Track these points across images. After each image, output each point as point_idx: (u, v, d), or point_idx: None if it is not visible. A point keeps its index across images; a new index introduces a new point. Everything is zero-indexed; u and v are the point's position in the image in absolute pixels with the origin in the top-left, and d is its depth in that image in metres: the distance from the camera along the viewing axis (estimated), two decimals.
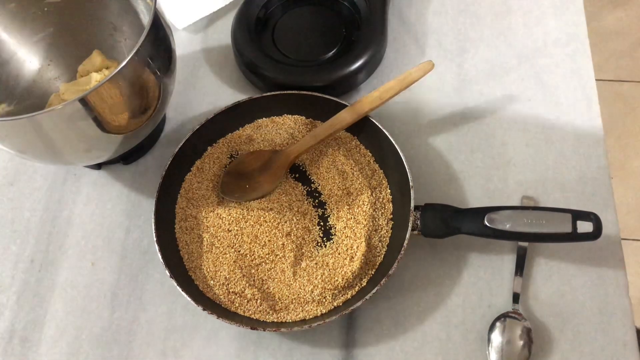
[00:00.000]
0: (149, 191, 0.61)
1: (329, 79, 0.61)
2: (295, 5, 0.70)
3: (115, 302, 0.55)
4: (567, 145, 0.60)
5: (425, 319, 0.52)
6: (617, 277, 0.53)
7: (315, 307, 0.51)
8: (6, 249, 0.59)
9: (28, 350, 0.54)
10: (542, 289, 0.53)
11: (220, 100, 0.66)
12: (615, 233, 0.55)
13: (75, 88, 0.61)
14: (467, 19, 0.70)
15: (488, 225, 0.50)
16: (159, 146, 0.64)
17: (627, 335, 0.50)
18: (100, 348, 0.53)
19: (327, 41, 0.67)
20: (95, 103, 0.46)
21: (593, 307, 0.52)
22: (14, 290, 0.57)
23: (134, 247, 0.58)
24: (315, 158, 0.60)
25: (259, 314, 0.51)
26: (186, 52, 0.70)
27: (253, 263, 0.54)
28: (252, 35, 0.65)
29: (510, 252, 0.54)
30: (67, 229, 0.59)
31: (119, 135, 0.52)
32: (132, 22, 0.60)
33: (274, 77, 0.62)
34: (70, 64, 0.64)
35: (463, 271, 0.54)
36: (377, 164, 0.59)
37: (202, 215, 0.57)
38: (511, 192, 0.58)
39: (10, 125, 0.45)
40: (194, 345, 0.53)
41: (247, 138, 0.61)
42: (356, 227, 0.55)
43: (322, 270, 0.53)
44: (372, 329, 0.52)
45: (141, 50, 0.47)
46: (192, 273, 0.54)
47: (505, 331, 0.50)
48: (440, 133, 0.62)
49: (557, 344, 0.50)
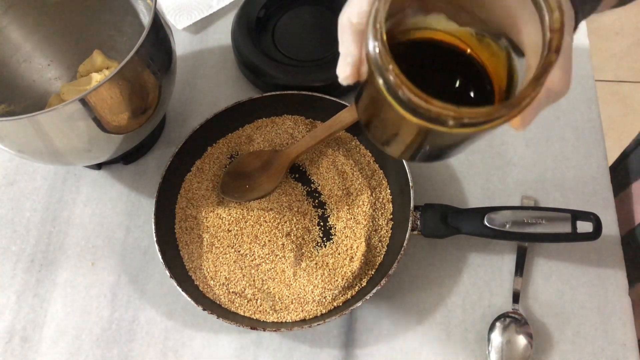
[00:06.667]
0: (149, 191, 0.61)
1: (329, 79, 0.61)
2: (295, 5, 0.70)
3: (115, 302, 0.55)
4: (567, 145, 0.60)
5: (425, 319, 0.52)
6: (617, 277, 0.53)
7: (315, 307, 0.51)
8: (6, 249, 0.59)
9: (28, 350, 0.54)
10: (542, 289, 0.53)
11: (220, 100, 0.66)
12: (615, 233, 0.55)
13: (76, 88, 0.61)
14: None
15: (488, 226, 0.50)
16: (159, 146, 0.64)
17: (627, 335, 0.50)
18: (100, 348, 0.53)
19: (327, 41, 0.67)
20: (95, 103, 0.46)
21: (593, 307, 0.52)
22: (14, 290, 0.57)
23: (134, 247, 0.58)
24: (315, 158, 0.60)
25: (259, 314, 0.51)
26: (186, 52, 0.70)
27: (253, 263, 0.54)
28: (252, 35, 0.65)
29: (510, 252, 0.54)
30: (67, 229, 0.59)
31: (119, 135, 0.52)
32: (132, 22, 0.60)
33: (274, 77, 0.62)
34: (71, 64, 0.64)
35: (463, 271, 0.54)
36: (377, 164, 0.59)
37: (202, 215, 0.57)
38: (511, 192, 0.58)
39: (10, 125, 0.45)
40: (194, 345, 0.53)
41: (247, 138, 0.61)
42: (356, 227, 0.55)
43: (322, 270, 0.53)
44: (372, 329, 0.52)
45: (141, 50, 0.47)
46: (192, 273, 0.54)
47: (505, 331, 0.50)
48: None
49: (557, 344, 0.50)
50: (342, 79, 0.34)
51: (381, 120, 0.32)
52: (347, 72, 0.33)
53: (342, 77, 0.33)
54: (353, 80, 0.33)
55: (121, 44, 0.64)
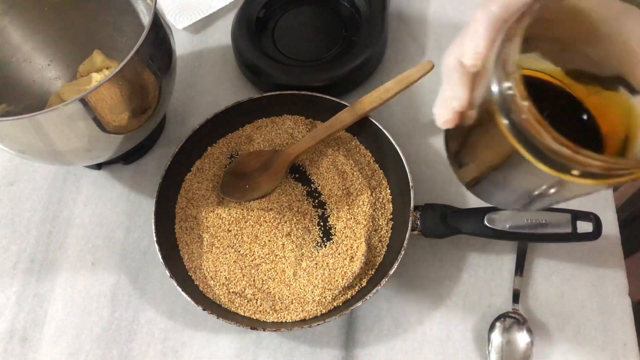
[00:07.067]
0: (149, 191, 0.61)
1: (329, 79, 0.61)
2: (295, 5, 0.70)
3: (115, 302, 0.55)
4: None
5: (425, 319, 0.52)
6: (617, 277, 0.53)
7: (315, 307, 0.51)
8: (6, 249, 0.59)
9: (28, 350, 0.54)
10: (542, 289, 0.53)
11: (220, 100, 0.66)
12: (615, 233, 0.55)
13: (76, 88, 0.61)
14: (467, 19, 0.69)
15: (488, 226, 0.50)
16: (159, 146, 0.64)
17: (627, 335, 0.50)
18: (100, 348, 0.53)
19: (327, 41, 0.67)
20: (95, 103, 0.46)
21: (593, 307, 0.52)
22: (14, 290, 0.57)
23: (134, 247, 0.58)
24: (315, 158, 0.60)
25: (259, 314, 0.51)
26: (186, 52, 0.70)
27: (253, 263, 0.54)
28: (252, 35, 0.65)
29: (510, 252, 0.54)
30: (67, 229, 0.59)
31: (119, 135, 0.52)
32: (132, 22, 0.60)
33: (274, 77, 0.62)
34: (71, 64, 0.64)
35: (463, 271, 0.54)
36: (377, 164, 0.59)
37: (202, 216, 0.57)
38: None
39: (10, 125, 0.45)
40: (194, 345, 0.53)
41: (247, 138, 0.61)
42: (356, 227, 0.55)
43: (322, 270, 0.53)
44: (372, 329, 0.52)
45: (141, 50, 0.47)
46: (192, 273, 0.54)
47: (505, 331, 0.50)
48: (440, 133, 0.61)
49: (557, 344, 0.50)
50: (441, 123, 0.32)
51: (488, 164, 0.30)
52: (448, 117, 0.31)
53: (441, 121, 0.31)
54: (453, 125, 0.31)
55: (121, 44, 0.64)
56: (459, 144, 0.32)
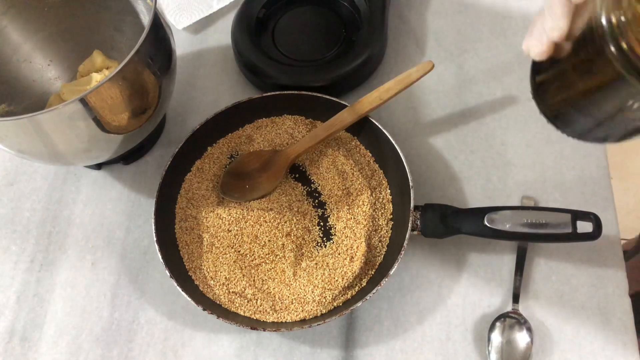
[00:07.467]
0: (149, 191, 0.61)
1: (329, 79, 0.61)
2: (295, 5, 0.70)
3: (115, 302, 0.55)
4: (567, 145, 0.60)
5: (425, 319, 0.52)
6: (617, 277, 0.53)
7: (315, 307, 0.51)
8: (6, 249, 0.59)
9: (28, 350, 0.54)
10: (542, 289, 0.53)
11: (220, 100, 0.66)
12: (615, 233, 0.55)
13: (76, 88, 0.61)
14: (467, 19, 0.70)
15: (488, 226, 0.50)
16: (159, 146, 0.64)
17: (627, 335, 0.50)
18: (100, 348, 0.53)
19: (327, 41, 0.67)
20: (95, 103, 0.46)
21: (593, 307, 0.52)
22: (14, 290, 0.57)
23: (134, 247, 0.58)
24: (315, 158, 0.60)
25: (259, 314, 0.51)
26: (186, 52, 0.70)
27: (253, 263, 0.54)
28: (252, 35, 0.65)
29: (510, 252, 0.54)
30: (67, 229, 0.59)
31: (119, 135, 0.52)
32: (132, 22, 0.60)
33: (274, 77, 0.62)
34: (71, 64, 0.64)
35: (463, 271, 0.54)
36: (377, 164, 0.59)
37: (202, 216, 0.57)
38: (511, 192, 0.58)
39: (10, 125, 0.45)
40: (194, 345, 0.53)
41: (247, 138, 0.61)
42: (356, 227, 0.55)
43: (322, 270, 0.53)
44: (372, 329, 0.52)
45: (141, 50, 0.47)
46: (192, 273, 0.54)
47: (505, 331, 0.50)
48: (440, 133, 0.62)
49: (557, 344, 0.50)
50: (535, 54, 0.32)
51: (581, 92, 0.31)
52: (543, 48, 0.31)
53: (536, 52, 0.32)
54: (547, 56, 0.32)
55: (121, 44, 0.64)
56: (550, 75, 0.33)
